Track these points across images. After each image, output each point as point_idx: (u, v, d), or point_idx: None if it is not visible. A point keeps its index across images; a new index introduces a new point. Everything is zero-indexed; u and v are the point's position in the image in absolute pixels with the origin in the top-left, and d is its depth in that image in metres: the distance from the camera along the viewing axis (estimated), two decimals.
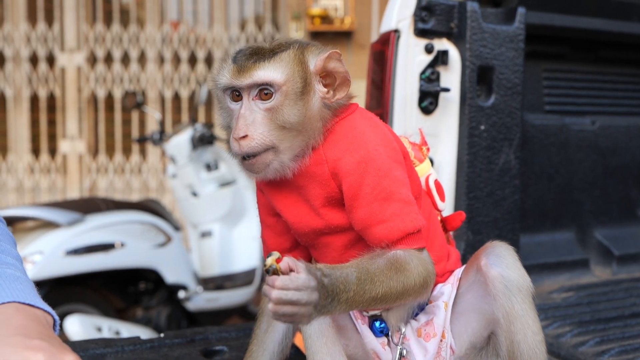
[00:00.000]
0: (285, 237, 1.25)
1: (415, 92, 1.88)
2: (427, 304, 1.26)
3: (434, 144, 1.92)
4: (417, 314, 1.25)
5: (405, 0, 1.88)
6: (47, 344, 0.76)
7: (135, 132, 6.37)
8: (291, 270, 0.94)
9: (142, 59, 6.40)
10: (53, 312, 0.87)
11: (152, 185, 6.41)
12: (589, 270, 2.24)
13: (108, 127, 6.49)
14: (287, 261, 0.95)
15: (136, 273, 3.48)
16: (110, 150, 6.50)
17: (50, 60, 6.36)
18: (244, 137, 1.09)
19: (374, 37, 5.73)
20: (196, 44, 6.37)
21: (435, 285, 1.26)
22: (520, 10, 1.96)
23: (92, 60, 6.40)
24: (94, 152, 6.51)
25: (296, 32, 6.13)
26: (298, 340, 1.66)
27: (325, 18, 5.97)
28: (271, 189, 1.21)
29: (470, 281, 1.21)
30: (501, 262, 1.14)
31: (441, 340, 1.22)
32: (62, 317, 3.04)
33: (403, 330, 1.22)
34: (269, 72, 1.10)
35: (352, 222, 1.13)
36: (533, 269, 2.13)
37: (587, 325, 1.74)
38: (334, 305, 0.98)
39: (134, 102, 3.90)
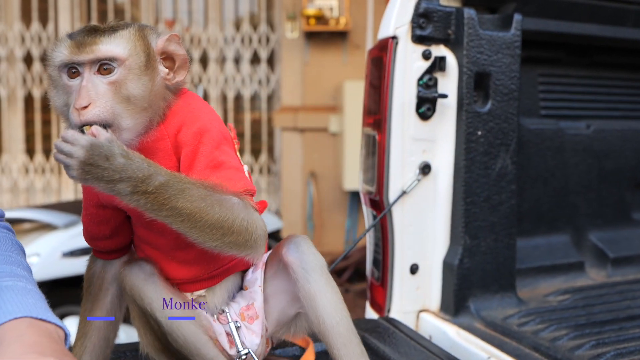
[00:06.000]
0: (104, 226, 1.29)
1: (413, 98, 1.90)
2: (243, 289, 1.36)
3: (432, 150, 1.94)
4: (234, 297, 1.36)
5: (403, 7, 1.89)
6: None
7: None
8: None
9: None
10: (64, 325, 0.87)
11: None
12: (584, 273, 2.27)
13: None
14: (95, 128, 1.02)
15: None
16: None
17: (45, 60, 6.34)
18: (86, 106, 1.06)
19: (369, 38, 5.74)
20: (191, 43, 6.36)
21: (248, 269, 1.37)
22: (517, 17, 1.98)
23: None
24: None
25: (291, 32, 6.14)
26: None
27: (320, 18, 5.98)
28: None
29: (274, 268, 1.35)
30: (297, 248, 1.28)
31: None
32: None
33: (226, 311, 1.32)
34: (111, 46, 1.10)
35: None
36: (529, 272, 2.16)
37: (582, 328, 1.76)
38: (134, 194, 1.00)
39: None
